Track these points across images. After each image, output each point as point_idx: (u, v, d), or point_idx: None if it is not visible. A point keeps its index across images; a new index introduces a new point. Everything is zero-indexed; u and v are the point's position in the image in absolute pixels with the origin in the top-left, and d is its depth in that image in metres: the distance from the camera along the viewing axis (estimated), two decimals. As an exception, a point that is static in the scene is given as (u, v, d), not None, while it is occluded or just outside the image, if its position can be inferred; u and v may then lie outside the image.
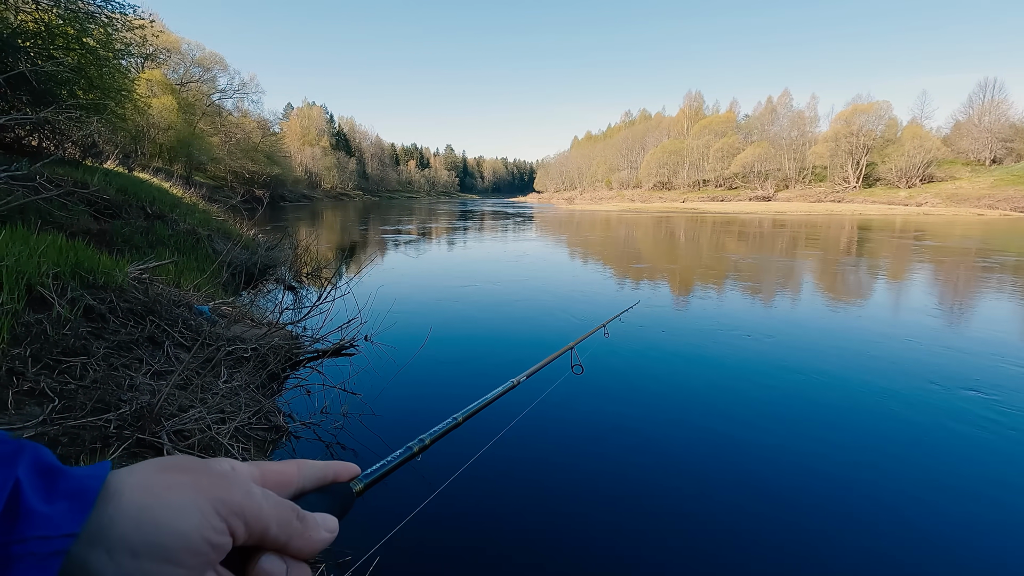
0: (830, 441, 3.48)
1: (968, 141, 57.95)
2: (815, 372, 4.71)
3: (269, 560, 0.33)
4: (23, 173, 5.68)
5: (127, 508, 0.28)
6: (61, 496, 0.28)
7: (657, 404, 4.08)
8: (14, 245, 3.45)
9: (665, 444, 3.47)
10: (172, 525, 0.28)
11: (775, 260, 12.84)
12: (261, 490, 0.34)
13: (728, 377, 4.61)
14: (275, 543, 0.33)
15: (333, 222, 27.73)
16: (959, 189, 49.19)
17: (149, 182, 12.75)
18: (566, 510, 2.75)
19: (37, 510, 0.26)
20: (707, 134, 78.25)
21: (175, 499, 0.29)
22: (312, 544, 0.35)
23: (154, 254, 5.66)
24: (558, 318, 6.50)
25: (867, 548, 2.45)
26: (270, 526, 0.32)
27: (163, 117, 34.55)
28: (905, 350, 5.35)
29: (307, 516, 0.35)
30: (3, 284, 2.90)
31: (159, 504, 0.29)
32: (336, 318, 4.80)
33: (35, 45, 10.64)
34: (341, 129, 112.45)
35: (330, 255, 13.00)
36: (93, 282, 3.64)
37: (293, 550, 0.34)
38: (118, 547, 0.27)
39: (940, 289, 9.11)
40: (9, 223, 4.34)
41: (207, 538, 0.29)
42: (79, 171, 8.72)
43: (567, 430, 3.63)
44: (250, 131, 50.44)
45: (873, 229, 24.12)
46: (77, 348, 2.95)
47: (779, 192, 65.26)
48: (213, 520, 0.30)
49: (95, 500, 0.28)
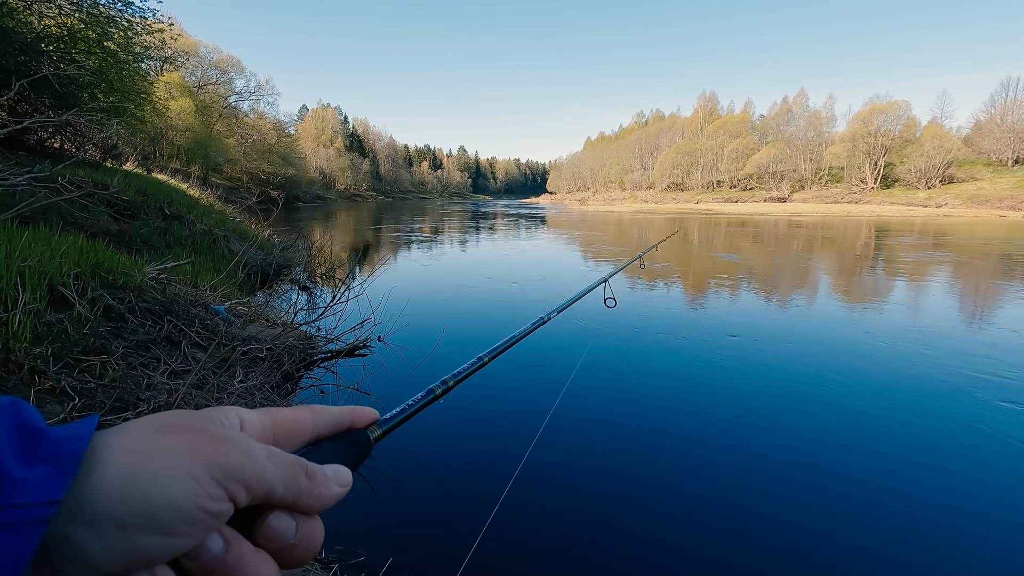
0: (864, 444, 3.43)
1: (990, 141, 56.79)
2: (829, 369, 4.65)
3: (278, 518, 0.31)
4: (45, 175, 5.80)
5: (112, 478, 0.25)
6: (41, 459, 0.25)
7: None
8: (36, 246, 3.51)
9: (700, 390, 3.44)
10: (163, 496, 0.26)
11: (797, 264, 12.67)
12: (266, 449, 0.31)
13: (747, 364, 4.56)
14: (282, 503, 0.31)
15: (347, 223, 27.94)
16: (980, 190, 48.26)
17: (167, 183, 12.95)
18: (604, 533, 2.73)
19: (14, 475, 0.24)
20: (721, 134, 77.62)
21: (166, 467, 0.27)
22: (322, 501, 0.33)
23: (172, 254, 5.74)
24: (576, 320, 6.48)
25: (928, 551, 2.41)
26: (275, 487, 0.30)
27: (181, 119, 35.13)
28: (956, 365, 5.26)
29: (316, 472, 0.33)
30: (26, 284, 2.95)
31: (147, 473, 0.26)
32: (350, 319, 4.82)
33: (58, 49, 10.88)
34: (355, 130, 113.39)
35: (344, 256, 13.09)
36: (113, 282, 3.69)
37: (303, 508, 0.32)
38: (103, 521, 0.25)
39: (962, 293, 8.94)
40: (32, 224, 4.42)
41: (203, 507, 0.27)
42: (99, 173, 8.88)
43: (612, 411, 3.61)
44: (265, 132, 51.06)
45: (891, 231, 23.74)
46: (97, 347, 3.00)
47: (794, 193, 64.53)
48: (209, 487, 0.27)
49: (80, 463, 0.25)
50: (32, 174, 5.62)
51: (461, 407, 3.88)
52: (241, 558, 0.29)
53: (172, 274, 4.76)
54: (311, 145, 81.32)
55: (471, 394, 4.09)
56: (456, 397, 3.03)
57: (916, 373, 4.75)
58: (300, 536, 0.32)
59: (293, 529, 0.31)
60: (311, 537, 0.32)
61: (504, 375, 4.56)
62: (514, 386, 4.44)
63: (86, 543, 0.24)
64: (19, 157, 8.16)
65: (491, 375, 4.62)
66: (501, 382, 4.45)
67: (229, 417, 0.33)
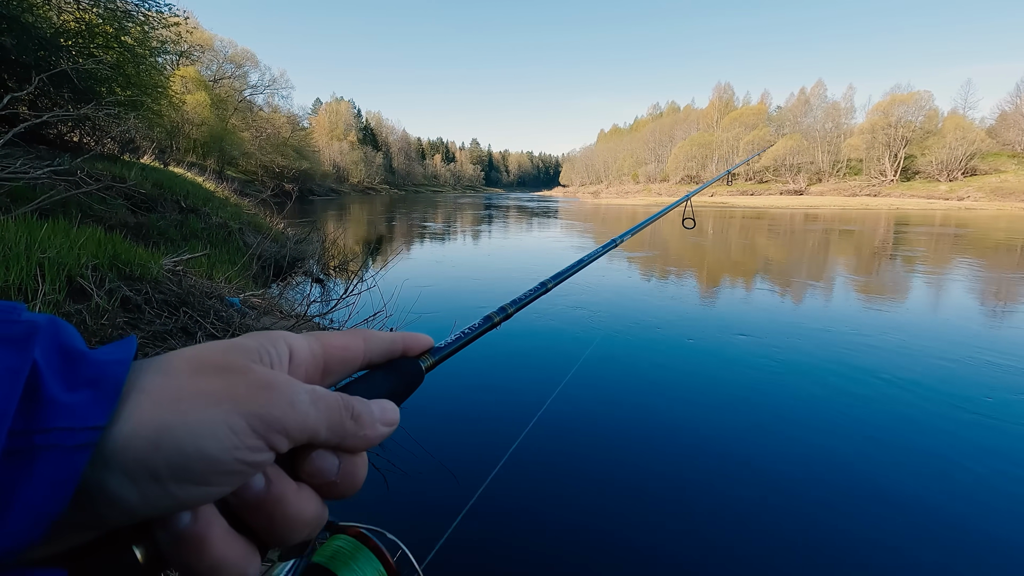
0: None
1: (1015, 132, 55.37)
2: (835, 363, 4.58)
3: (320, 456, 0.30)
4: (65, 168, 5.88)
5: (145, 428, 0.24)
6: (84, 384, 0.24)
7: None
8: (56, 238, 3.57)
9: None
10: (198, 449, 0.25)
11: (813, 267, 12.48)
12: (310, 393, 0.30)
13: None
14: (327, 444, 0.30)
15: (360, 216, 28.08)
16: (1004, 182, 47.09)
17: (183, 177, 13.09)
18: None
19: (59, 399, 0.23)
20: (737, 126, 76.62)
21: (203, 417, 0.26)
22: (367, 441, 0.32)
23: (188, 247, 5.81)
24: (595, 313, 6.45)
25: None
26: (319, 432, 0.30)
27: (197, 113, 35.47)
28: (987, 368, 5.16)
29: (363, 413, 0.32)
30: (45, 275, 3.00)
31: (183, 424, 0.25)
32: (362, 311, 4.84)
33: (76, 44, 11.01)
34: (368, 124, 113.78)
35: (357, 248, 13.16)
36: (130, 274, 3.74)
37: (347, 448, 0.31)
38: (137, 471, 0.24)
39: (982, 293, 8.75)
40: (52, 217, 4.50)
41: (240, 459, 0.26)
42: (117, 166, 9.01)
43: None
44: (280, 126, 51.38)
45: (910, 224, 23.30)
46: (114, 338, 3.04)
47: (811, 186, 63.55)
48: (248, 439, 0.27)
49: (121, 390, 0.25)
50: (52, 167, 5.71)
51: (480, 400, 3.89)
52: (283, 494, 0.29)
53: (188, 266, 4.81)
54: (325, 139, 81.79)
55: (491, 386, 4.10)
56: (477, 387, 3.04)
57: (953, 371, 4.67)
58: (342, 474, 0.31)
59: (336, 467, 0.31)
60: (354, 474, 0.32)
61: (527, 367, 4.57)
62: (523, 362, 4.45)
63: (122, 491, 0.24)
64: (39, 151, 8.30)
65: (513, 361, 4.63)
66: (520, 376, 4.45)
67: (278, 346, 0.32)
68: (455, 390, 4.02)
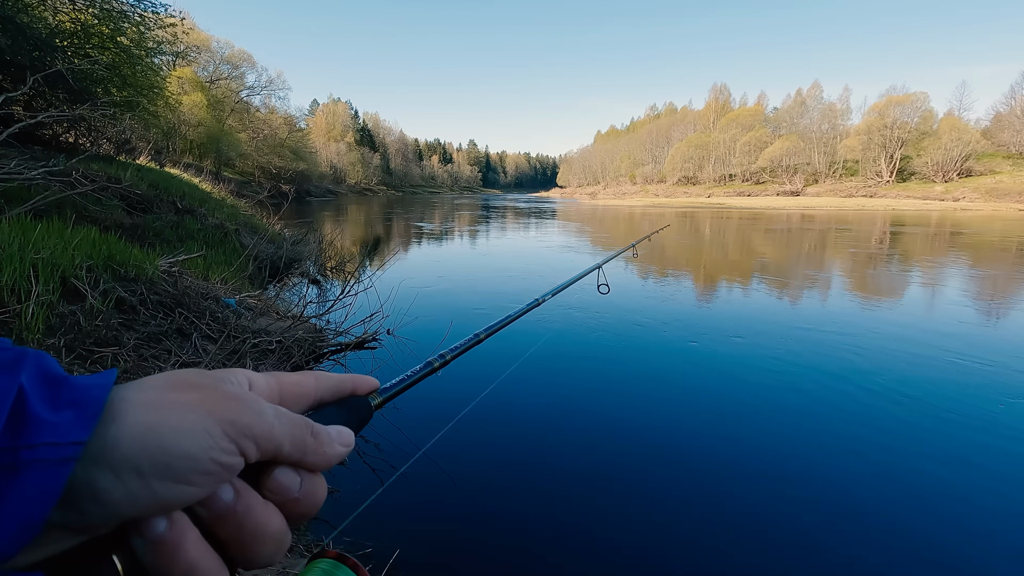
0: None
1: (1010, 133, 55.59)
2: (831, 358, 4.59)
3: (283, 472, 0.33)
4: (60, 169, 5.85)
5: (131, 428, 0.27)
6: (67, 405, 0.27)
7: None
8: (50, 238, 3.55)
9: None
10: (179, 446, 0.28)
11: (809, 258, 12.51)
12: (274, 409, 0.33)
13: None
14: (289, 459, 0.33)
15: (357, 217, 28.05)
16: (999, 183, 47.25)
17: (180, 177, 13.05)
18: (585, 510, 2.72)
19: (44, 417, 0.26)
20: (734, 127, 76.75)
21: (181, 420, 0.29)
22: (326, 459, 0.35)
23: (183, 247, 5.79)
24: (591, 314, 6.45)
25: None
26: (283, 444, 0.32)
27: (193, 114, 35.39)
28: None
29: (321, 432, 0.35)
30: (39, 276, 2.99)
31: (165, 425, 0.28)
32: (359, 312, 4.84)
33: (72, 44, 10.97)
34: (365, 125, 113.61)
35: (354, 249, 13.14)
36: (125, 275, 3.73)
37: (308, 465, 0.34)
38: (124, 467, 0.26)
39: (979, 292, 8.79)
40: (46, 217, 4.48)
41: (215, 459, 0.29)
42: (113, 167, 8.97)
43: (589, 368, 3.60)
44: (277, 127, 51.31)
45: (906, 224, 23.38)
46: (109, 339, 3.03)
47: (808, 187, 63.68)
48: (222, 441, 0.29)
49: (102, 410, 0.27)
50: (47, 168, 5.68)
51: (473, 400, 3.89)
52: (250, 507, 0.31)
53: (184, 267, 4.79)
54: (322, 140, 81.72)
55: (485, 387, 4.10)
56: (470, 390, 3.03)
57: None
58: (304, 491, 0.33)
59: (297, 484, 0.33)
60: (314, 492, 0.34)
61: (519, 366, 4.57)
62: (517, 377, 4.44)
63: (108, 487, 0.26)
64: (34, 151, 8.26)
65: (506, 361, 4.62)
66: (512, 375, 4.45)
67: (238, 377, 0.35)
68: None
